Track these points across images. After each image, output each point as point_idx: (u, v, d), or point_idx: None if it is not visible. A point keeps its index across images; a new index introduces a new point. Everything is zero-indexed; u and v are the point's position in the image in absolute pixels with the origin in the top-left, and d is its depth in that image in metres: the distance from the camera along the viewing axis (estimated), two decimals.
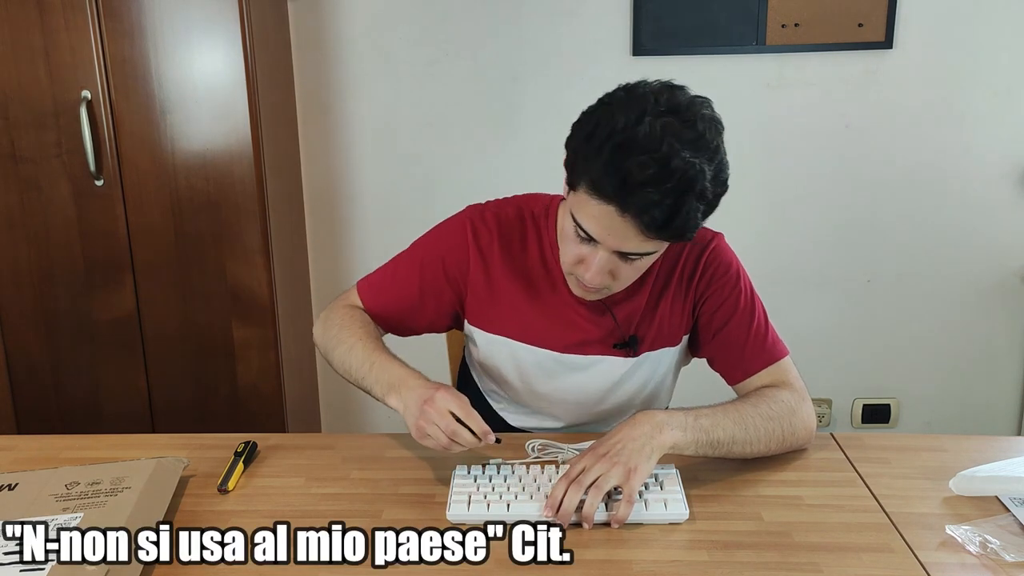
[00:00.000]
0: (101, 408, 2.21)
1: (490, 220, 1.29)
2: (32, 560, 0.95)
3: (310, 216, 2.52)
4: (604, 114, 1.07)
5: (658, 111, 1.04)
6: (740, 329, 1.27)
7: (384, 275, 1.34)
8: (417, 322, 1.34)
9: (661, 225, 1.04)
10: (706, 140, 1.05)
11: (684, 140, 1.03)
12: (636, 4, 2.30)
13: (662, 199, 1.02)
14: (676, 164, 1.01)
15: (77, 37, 1.96)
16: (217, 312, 2.14)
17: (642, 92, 1.08)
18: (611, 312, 1.27)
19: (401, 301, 1.32)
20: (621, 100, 1.07)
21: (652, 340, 1.30)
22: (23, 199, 2.06)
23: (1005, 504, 1.09)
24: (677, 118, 1.04)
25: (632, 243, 1.08)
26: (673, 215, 1.03)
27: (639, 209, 1.03)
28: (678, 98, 1.07)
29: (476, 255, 1.28)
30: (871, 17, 2.28)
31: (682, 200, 1.02)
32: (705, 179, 1.03)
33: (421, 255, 1.32)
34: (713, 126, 1.07)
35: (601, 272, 1.13)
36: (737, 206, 2.45)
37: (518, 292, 1.29)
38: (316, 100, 2.43)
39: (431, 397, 1.10)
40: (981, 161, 2.39)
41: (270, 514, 1.10)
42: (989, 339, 2.53)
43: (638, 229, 1.05)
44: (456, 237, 1.30)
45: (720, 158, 1.07)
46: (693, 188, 1.03)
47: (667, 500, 1.07)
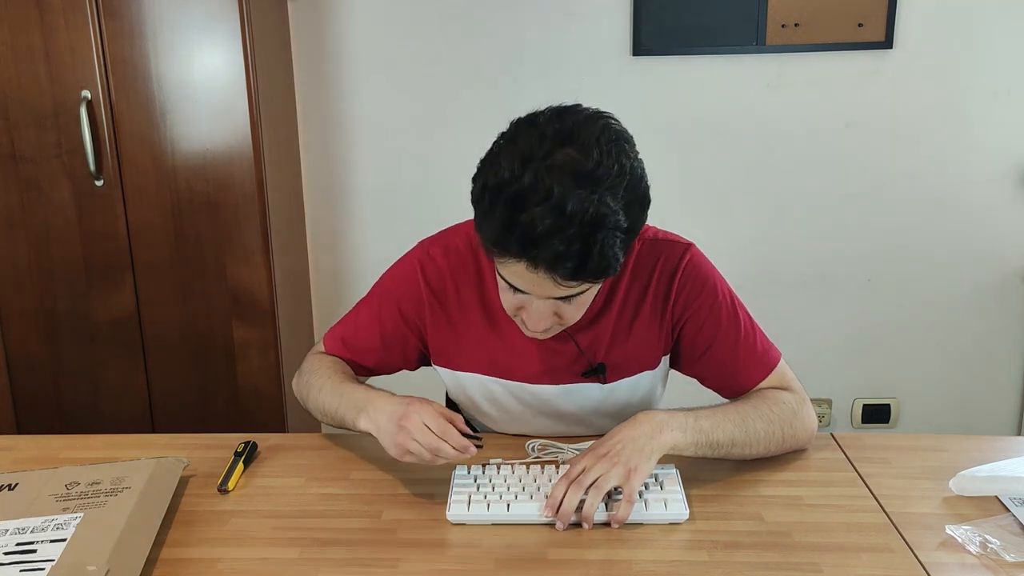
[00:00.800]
0: (101, 408, 2.21)
1: (438, 257, 1.25)
2: (32, 560, 0.95)
3: (310, 216, 2.52)
4: (491, 164, 1.00)
5: (546, 149, 0.97)
6: (728, 345, 1.23)
7: (346, 328, 1.32)
8: (388, 368, 1.33)
9: (575, 272, 0.98)
10: (605, 167, 0.96)
11: (579, 175, 0.95)
12: (636, 4, 2.30)
13: (568, 247, 0.95)
14: (573, 207, 0.94)
15: (77, 37, 1.96)
16: (217, 312, 2.14)
17: (528, 130, 1.00)
18: (574, 340, 1.23)
19: (368, 352, 1.30)
20: (507, 144, 1.00)
21: (626, 366, 1.25)
22: (23, 199, 2.06)
23: (1005, 504, 1.09)
24: (571, 148, 0.97)
25: (560, 290, 1.02)
26: (585, 259, 0.96)
27: (548, 263, 0.97)
28: (569, 124, 0.99)
29: (429, 297, 1.25)
30: (871, 17, 2.28)
31: (591, 241, 0.95)
32: (612, 211, 0.96)
33: (378, 304, 1.29)
34: (614, 145, 0.99)
35: (543, 318, 1.08)
36: (737, 206, 2.47)
37: (479, 326, 1.24)
38: (316, 100, 2.43)
39: (405, 413, 1.08)
40: (981, 161, 2.39)
41: (270, 514, 1.10)
42: (989, 339, 2.53)
43: (555, 281, 0.99)
44: (407, 282, 1.26)
45: (628, 177, 0.98)
46: (602, 225, 0.95)
47: (667, 500, 1.07)
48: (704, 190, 2.43)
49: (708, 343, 1.24)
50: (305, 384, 1.29)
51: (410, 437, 1.07)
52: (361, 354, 1.32)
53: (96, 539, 0.98)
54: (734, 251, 2.46)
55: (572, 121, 1.00)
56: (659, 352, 1.26)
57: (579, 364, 1.24)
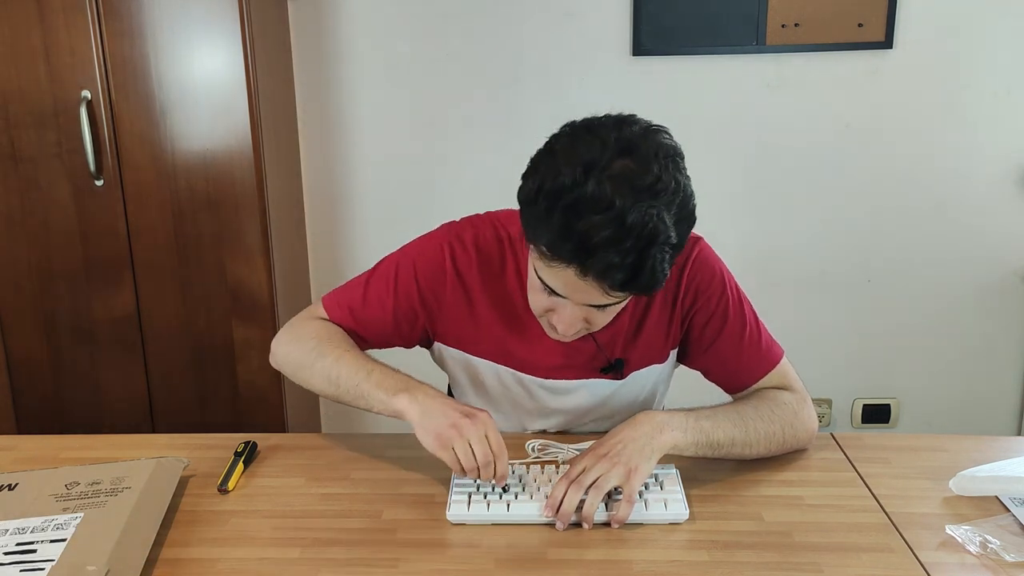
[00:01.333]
0: (101, 408, 2.21)
1: (469, 244, 1.23)
2: (32, 560, 0.95)
3: (310, 216, 2.52)
4: (549, 168, 0.99)
5: (607, 158, 0.97)
6: (733, 340, 1.23)
7: (354, 294, 1.27)
8: (385, 342, 1.30)
9: (625, 284, 0.98)
10: (663, 182, 0.97)
11: (639, 188, 0.96)
12: (636, 4, 2.30)
13: (623, 259, 0.95)
14: (633, 220, 0.94)
15: (77, 37, 1.96)
16: (217, 312, 2.14)
17: (588, 136, 0.99)
18: (593, 337, 1.23)
19: (373, 324, 1.26)
20: (567, 150, 0.99)
21: (638, 360, 1.26)
22: (23, 199, 2.06)
23: (1005, 504, 1.09)
24: (630, 160, 0.97)
25: (600, 299, 1.03)
26: (637, 272, 0.97)
27: (600, 272, 0.97)
28: (628, 135, 0.99)
29: (455, 279, 1.23)
30: (871, 17, 2.28)
31: (645, 255, 0.96)
32: (667, 226, 0.97)
33: (395, 276, 1.25)
34: (670, 161, 1.00)
35: (574, 323, 1.09)
36: (737, 206, 2.47)
37: (498, 319, 1.24)
38: (316, 100, 2.43)
39: (471, 414, 1.07)
40: (981, 161, 2.40)
41: (270, 514, 1.10)
42: (989, 339, 2.53)
43: (602, 290, 1.00)
44: (434, 261, 1.24)
45: (681, 195, 0.99)
46: (655, 240, 0.96)
47: (667, 500, 1.07)
48: (704, 190, 2.40)
49: (714, 335, 1.24)
50: (312, 351, 1.21)
51: (465, 435, 1.05)
52: (366, 326, 1.27)
53: (96, 539, 0.98)
54: (734, 251, 2.45)
55: (631, 132, 1.00)
56: (668, 345, 1.28)
57: (597, 360, 1.25)
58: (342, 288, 1.30)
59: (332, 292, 1.31)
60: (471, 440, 1.05)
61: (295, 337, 1.26)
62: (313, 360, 1.21)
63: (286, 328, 1.30)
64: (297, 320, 1.30)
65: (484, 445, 1.05)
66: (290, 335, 1.28)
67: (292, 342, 1.26)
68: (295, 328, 1.28)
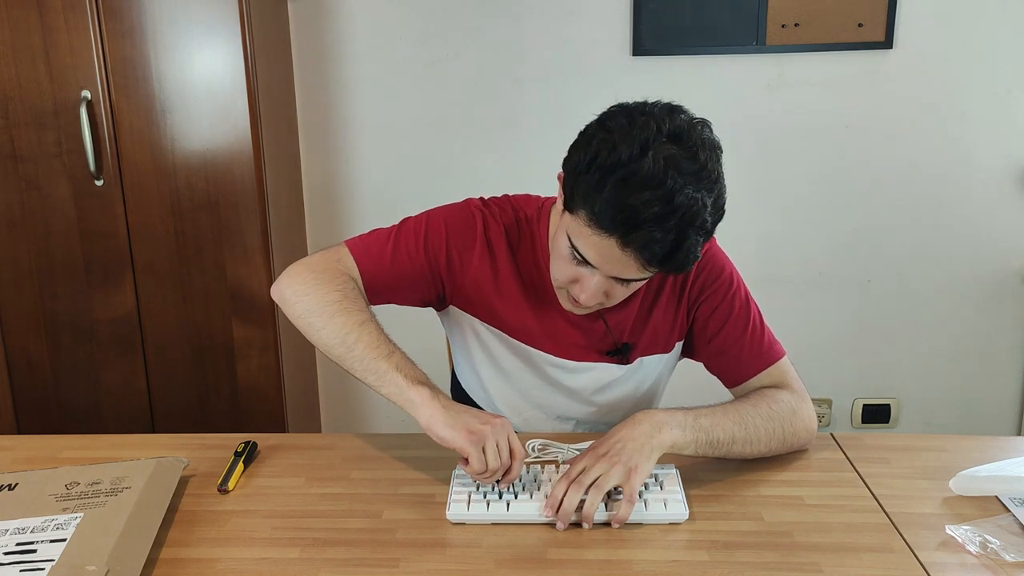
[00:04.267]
0: (101, 408, 2.21)
1: (497, 216, 1.27)
2: (32, 560, 0.95)
3: (310, 216, 2.52)
4: (605, 142, 1.03)
5: (661, 141, 1.02)
6: (736, 333, 1.26)
7: (382, 244, 1.25)
8: (400, 298, 1.28)
9: (662, 260, 1.04)
10: (708, 171, 1.04)
11: (687, 173, 1.02)
12: (636, 4, 2.30)
13: (664, 236, 1.01)
14: (680, 201, 1.00)
15: (77, 37, 1.96)
16: (217, 312, 2.14)
17: (644, 119, 1.04)
18: (603, 319, 1.27)
19: (396, 277, 1.24)
20: (623, 128, 1.03)
21: (645, 347, 1.30)
22: (23, 199, 2.06)
23: (1005, 504, 1.09)
24: (680, 147, 1.03)
25: (630, 272, 1.08)
26: (675, 251, 1.03)
27: (641, 245, 1.02)
28: (679, 123, 1.05)
29: (483, 246, 1.26)
30: (871, 17, 2.28)
31: (684, 236, 1.02)
32: (706, 212, 1.03)
33: (425, 232, 1.25)
34: (714, 153, 1.06)
35: (596, 294, 1.12)
36: (737, 207, 2.46)
37: (515, 292, 1.28)
38: (316, 100, 2.43)
39: (498, 419, 1.08)
40: (981, 161, 2.40)
41: (270, 514, 1.10)
42: (989, 339, 2.53)
43: (639, 264, 1.05)
44: (465, 223, 1.26)
45: (720, 186, 1.06)
46: (695, 223, 1.02)
47: (667, 500, 1.07)
48: None
49: (718, 328, 1.27)
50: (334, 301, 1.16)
51: (492, 438, 1.06)
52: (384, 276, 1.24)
53: (96, 539, 0.98)
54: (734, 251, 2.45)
55: (681, 120, 1.06)
56: (675, 336, 1.31)
57: (604, 343, 1.28)
58: (367, 236, 1.28)
59: (357, 238, 1.28)
60: (499, 441, 1.07)
61: (318, 280, 1.19)
62: (333, 313, 1.15)
63: (305, 265, 1.23)
64: (319, 261, 1.23)
65: (507, 448, 1.08)
66: (312, 276, 1.20)
67: (313, 284, 1.19)
68: (318, 270, 1.21)
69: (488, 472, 1.07)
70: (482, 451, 1.06)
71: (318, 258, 1.24)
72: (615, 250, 1.05)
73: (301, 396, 2.43)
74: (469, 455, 1.06)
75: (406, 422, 1.35)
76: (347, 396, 2.65)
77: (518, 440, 1.10)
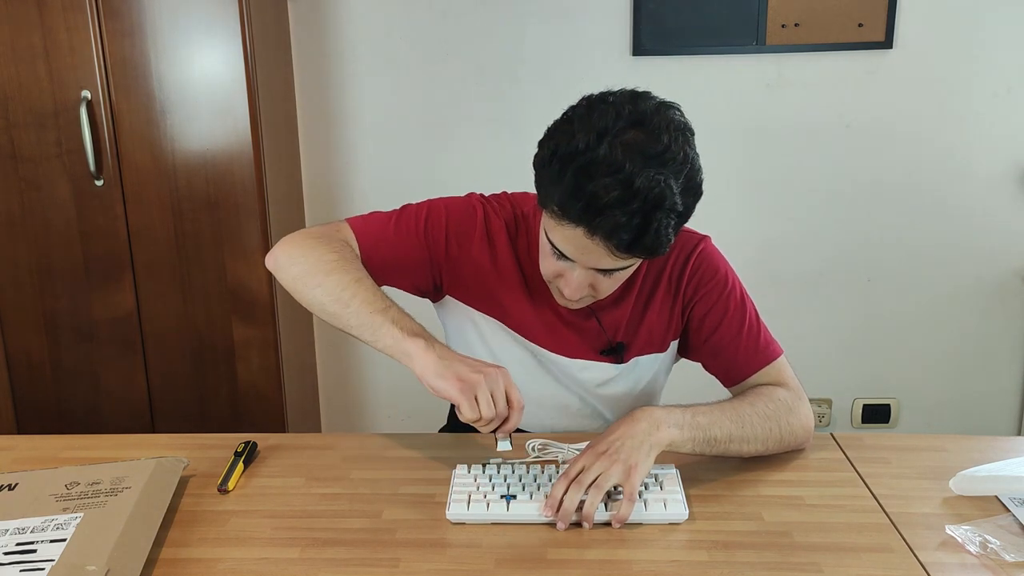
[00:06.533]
0: (101, 408, 2.21)
1: (498, 211, 1.28)
2: (32, 560, 0.95)
3: (310, 216, 2.52)
4: (564, 133, 1.04)
5: (620, 127, 1.02)
6: (732, 332, 1.26)
7: (383, 224, 1.25)
8: (396, 280, 1.27)
9: (630, 245, 1.03)
10: (672, 152, 1.02)
11: (648, 156, 1.01)
12: (636, 4, 2.30)
13: (629, 220, 1.00)
14: (640, 184, 0.99)
15: (77, 37, 1.96)
16: (217, 312, 2.14)
17: (603, 107, 1.04)
18: (597, 318, 1.27)
19: (394, 258, 1.24)
20: (582, 118, 1.04)
21: (639, 347, 1.30)
22: (23, 199, 2.06)
23: (1005, 504, 1.09)
24: (641, 131, 1.02)
25: (606, 261, 1.08)
26: (642, 234, 1.02)
27: (607, 232, 1.02)
28: (642, 108, 1.04)
29: (483, 237, 1.26)
30: (871, 17, 2.28)
31: (650, 218, 1.01)
32: (673, 193, 1.02)
33: (425, 218, 1.25)
34: (680, 134, 1.04)
35: (580, 287, 1.13)
36: (736, 206, 2.47)
37: (518, 285, 1.28)
38: (316, 100, 2.43)
39: (495, 366, 1.07)
40: (981, 161, 2.40)
41: (270, 514, 1.10)
42: (989, 339, 2.53)
43: (609, 250, 1.04)
44: (466, 213, 1.26)
45: (689, 167, 1.05)
46: (661, 205, 1.01)
47: (667, 500, 1.07)
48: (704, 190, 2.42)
49: (714, 327, 1.27)
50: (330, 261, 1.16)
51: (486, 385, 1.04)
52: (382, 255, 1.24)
53: (96, 539, 0.98)
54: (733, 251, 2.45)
55: (645, 106, 1.05)
56: (670, 335, 1.31)
57: (599, 342, 1.28)
58: (368, 215, 1.28)
59: (358, 216, 1.27)
60: (494, 390, 1.05)
61: (316, 243, 1.19)
62: (329, 271, 1.15)
63: (302, 232, 1.23)
64: (317, 230, 1.23)
65: (503, 398, 1.05)
66: (309, 240, 1.20)
67: (310, 247, 1.18)
68: (315, 235, 1.21)
69: (482, 420, 1.05)
70: (475, 400, 1.04)
71: (316, 228, 1.25)
72: (584, 240, 1.04)
73: (301, 396, 2.43)
74: (459, 404, 1.04)
75: (406, 422, 1.35)
76: (347, 396, 2.65)
77: (517, 390, 1.07)
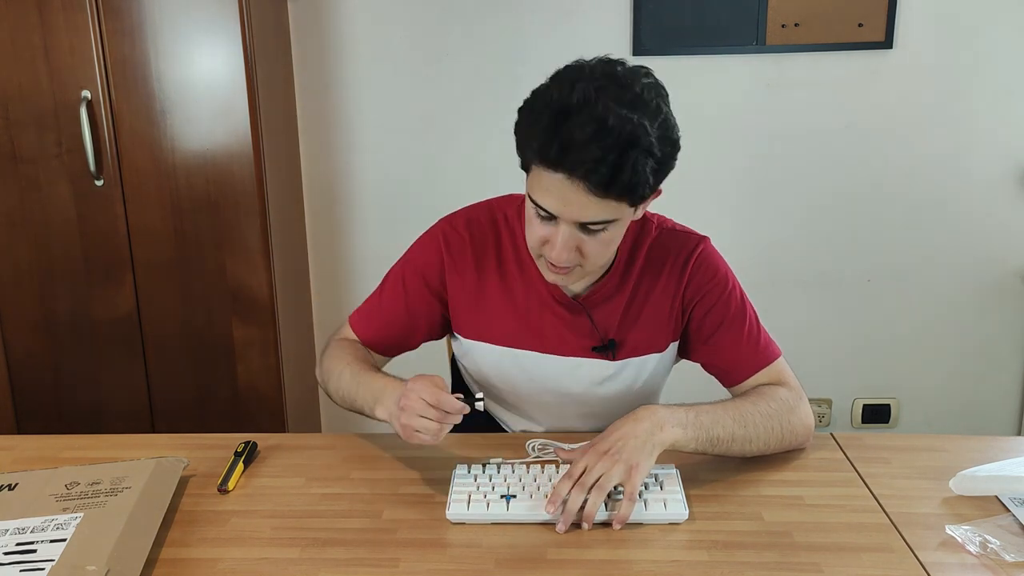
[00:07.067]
0: (101, 408, 2.21)
1: (461, 227, 1.31)
2: (32, 560, 0.95)
3: (310, 216, 2.52)
4: (541, 91, 1.10)
5: (592, 78, 1.07)
6: (732, 334, 1.27)
7: (372, 303, 1.36)
8: (413, 339, 1.36)
9: (609, 181, 1.04)
10: (644, 100, 1.06)
11: (621, 101, 1.04)
12: (636, 4, 2.30)
13: (605, 155, 1.02)
14: (614, 122, 1.02)
15: (77, 37, 1.96)
16: (217, 312, 2.14)
17: (577, 65, 1.10)
18: (588, 313, 1.27)
19: (392, 325, 1.34)
20: (556, 76, 1.10)
21: (635, 346, 1.29)
22: (23, 199, 2.06)
23: (1005, 504, 1.09)
24: (614, 82, 1.07)
25: (589, 210, 1.08)
26: (619, 170, 1.03)
27: (586, 169, 1.04)
28: (613, 68, 1.09)
29: (450, 263, 1.30)
30: (871, 17, 2.28)
31: (626, 155, 1.03)
32: (648, 135, 1.04)
33: (401, 275, 1.33)
34: (654, 89, 1.09)
35: (567, 248, 1.12)
36: (737, 206, 2.47)
37: (496, 295, 1.29)
38: (316, 100, 2.43)
39: (404, 394, 1.10)
40: (981, 161, 2.40)
41: (270, 514, 1.10)
42: (989, 339, 2.53)
43: (588, 190, 1.05)
44: (430, 250, 1.31)
45: (664, 118, 1.08)
46: (636, 143, 1.03)
47: (667, 500, 1.07)
48: (704, 190, 2.43)
49: (714, 328, 1.28)
50: (327, 371, 1.31)
51: (412, 415, 1.08)
52: (384, 328, 1.34)
53: (96, 539, 0.98)
54: (734, 251, 2.45)
55: (619, 67, 1.10)
56: (668, 336, 1.30)
57: (591, 339, 1.28)
58: (363, 304, 1.38)
59: (356, 310, 1.38)
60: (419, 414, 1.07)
61: (320, 360, 1.35)
62: (327, 380, 1.31)
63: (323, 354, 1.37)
64: (328, 345, 1.37)
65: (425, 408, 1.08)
66: (320, 358, 1.36)
67: (319, 365, 1.35)
68: (324, 350, 1.36)
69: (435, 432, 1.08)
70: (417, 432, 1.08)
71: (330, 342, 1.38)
72: (566, 185, 1.06)
73: (301, 396, 2.43)
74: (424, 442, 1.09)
75: None
76: None
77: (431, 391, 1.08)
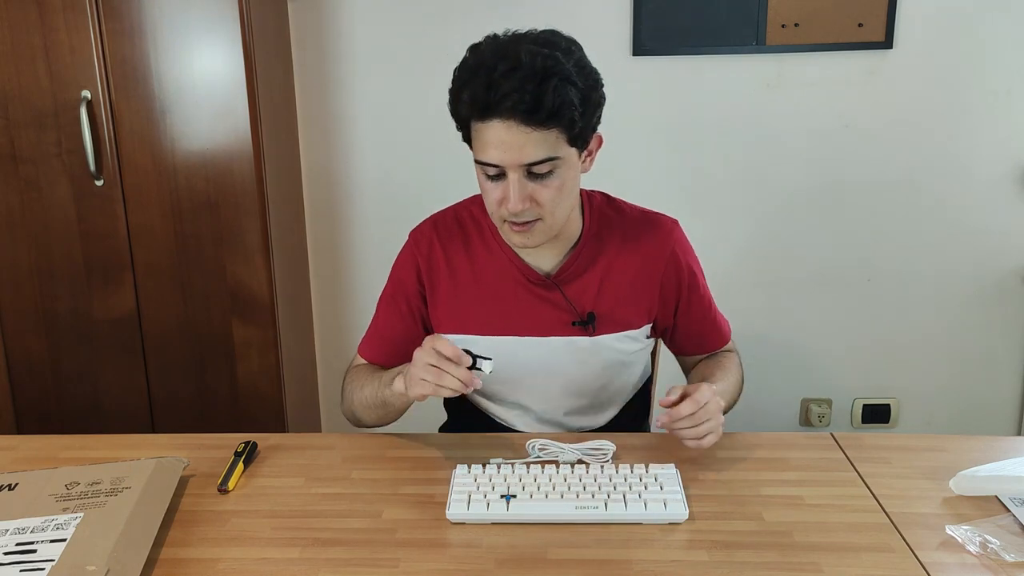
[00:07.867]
0: (101, 408, 2.21)
1: (427, 229, 1.38)
2: (32, 560, 0.95)
3: (310, 216, 2.52)
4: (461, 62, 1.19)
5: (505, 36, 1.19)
6: (702, 308, 1.40)
7: (372, 330, 1.43)
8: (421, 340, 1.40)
9: (534, 109, 1.11)
10: (555, 42, 1.16)
11: (535, 42, 1.15)
12: (636, 4, 2.30)
13: (523, 85, 1.10)
14: (526, 57, 1.11)
15: (77, 37, 1.96)
16: (217, 312, 2.14)
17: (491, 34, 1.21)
18: (560, 289, 1.32)
19: (396, 343, 1.38)
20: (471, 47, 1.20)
21: (611, 321, 1.34)
22: (23, 199, 2.06)
23: (1005, 504, 1.09)
24: (524, 36, 1.18)
25: (528, 148, 1.14)
26: (541, 94, 1.11)
27: (512, 102, 1.11)
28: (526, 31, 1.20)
29: (425, 265, 1.36)
30: (871, 17, 2.28)
31: (546, 82, 1.11)
32: (562, 64, 1.13)
33: (391, 295, 1.40)
34: (565, 39, 1.19)
35: (521, 197, 1.18)
36: (737, 206, 2.47)
37: (468, 283, 1.35)
38: (316, 100, 2.43)
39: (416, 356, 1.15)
40: (981, 161, 2.39)
41: (270, 514, 1.10)
42: (989, 339, 2.53)
43: (520, 124, 1.12)
44: (407, 261, 1.38)
45: (579, 57, 1.18)
46: (554, 71, 1.11)
47: (667, 500, 1.08)
48: (704, 190, 2.42)
49: (687, 302, 1.38)
50: (349, 396, 1.36)
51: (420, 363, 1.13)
52: (392, 347, 1.39)
53: (96, 539, 0.98)
54: (734, 251, 2.46)
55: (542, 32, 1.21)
56: (642, 315, 1.36)
57: (568, 315, 1.33)
58: (366, 333, 1.44)
59: (361, 340, 1.45)
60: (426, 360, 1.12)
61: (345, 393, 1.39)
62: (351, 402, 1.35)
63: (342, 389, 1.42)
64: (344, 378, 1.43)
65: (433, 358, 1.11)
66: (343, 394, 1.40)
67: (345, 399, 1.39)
68: (344, 388, 1.41)
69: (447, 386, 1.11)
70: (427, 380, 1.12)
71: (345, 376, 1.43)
72: (501, 129, 1.13)
73: (301, 396, 2.43)
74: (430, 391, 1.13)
75: (406, 422, 1.36)
76: None
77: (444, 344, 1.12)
